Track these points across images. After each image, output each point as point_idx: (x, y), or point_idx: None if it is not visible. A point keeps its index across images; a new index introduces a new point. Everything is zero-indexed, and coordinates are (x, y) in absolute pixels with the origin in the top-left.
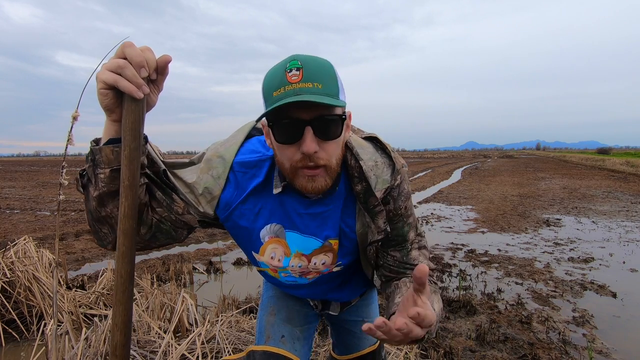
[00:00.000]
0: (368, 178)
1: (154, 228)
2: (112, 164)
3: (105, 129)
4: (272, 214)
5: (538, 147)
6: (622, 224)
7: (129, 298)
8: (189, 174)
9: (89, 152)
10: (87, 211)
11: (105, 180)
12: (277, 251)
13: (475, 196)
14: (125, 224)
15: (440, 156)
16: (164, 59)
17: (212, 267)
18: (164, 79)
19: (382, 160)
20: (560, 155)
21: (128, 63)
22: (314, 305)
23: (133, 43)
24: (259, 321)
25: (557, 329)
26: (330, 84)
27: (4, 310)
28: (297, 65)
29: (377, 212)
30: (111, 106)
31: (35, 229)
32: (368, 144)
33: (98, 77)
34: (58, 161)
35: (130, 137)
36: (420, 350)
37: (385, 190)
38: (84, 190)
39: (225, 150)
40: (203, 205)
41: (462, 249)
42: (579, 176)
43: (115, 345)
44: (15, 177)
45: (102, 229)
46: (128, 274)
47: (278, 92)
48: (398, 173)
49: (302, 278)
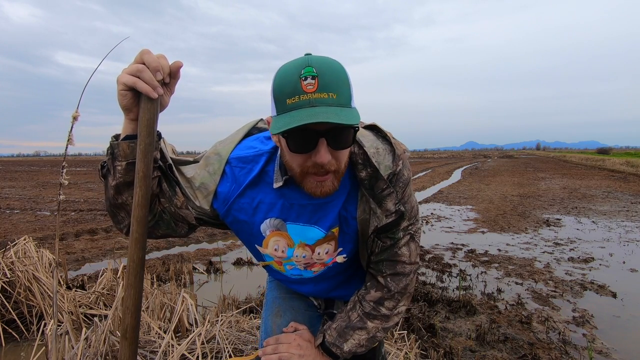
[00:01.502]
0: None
1: (157, 217)
2: (129, 157)
3: (124, 126)
4: (270, 208)
5: (538, 147)
6: (622, 224)
7: (140, 282)
8: (189, 170)
9: (109, 146)
10: (105, 198)
11: (122, 172)
12: (279, 243)
13: (475, 196)
14: (139, 212)
15: (440, 156)
16: (176, 64)
17: (212, 267)
18: (176, 83)
19: (383, 147)
20: (560, 155)
21: (146, 67)
22: (317, 305)
23: (150, 50)
24: (264, 322)
25: (557, 329)
26: (344, 92)
27: (4, 310)
28: (312, 73)
29: (385, 195)
30: (129, 106)
31: (35, 229)
32: (368, 132)
33: (119, 80)
34: (58, 161)
35: (145, 133)
36: (420, 351)
37: (388, 176)
38: (104, 179)
39: (223, 147)
40: (200, 200)
41: (462, 249)
42: (579, 176)
43: (125, 328)
44: (15, 177)
45: (119, 213)
46: (140, 259)
47: (292, 100)
48: (399, 159)
49: (307, 271)
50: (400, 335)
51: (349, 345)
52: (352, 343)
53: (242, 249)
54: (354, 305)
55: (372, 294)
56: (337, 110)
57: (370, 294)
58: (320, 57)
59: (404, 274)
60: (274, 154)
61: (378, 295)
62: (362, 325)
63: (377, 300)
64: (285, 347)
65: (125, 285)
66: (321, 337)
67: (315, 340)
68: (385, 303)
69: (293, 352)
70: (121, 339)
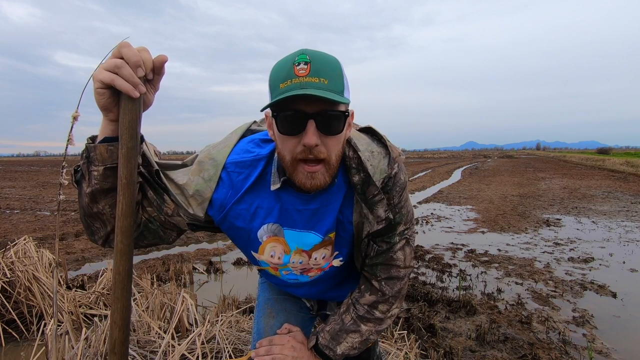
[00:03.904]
0: (367, 168)
1: (142, 227)
2: (106, 162)
3: (102, 127)
4: (268, 213)
5: (538, 147)
6: (622, 224)
7: (128, 295)
8: (180, 176)
9: (84, 149)
10: (79, 207)
11: (98, 178)
12: (276, 249)
13: (475, 196)
14: (123, 221)
15: (440, 156)
16: (160, 59)
17: (212, 267)
18: (160, 79)
19: (378, 150)
20: (560, 155)
21: (125, 63)
22: (310, 307)
23: (130, 43)
24: (256, 323)
25: (557, 329)
26: (336, 80)
27: (4, 310)
28: (305, 59)
29: (376, 201)
30: (108, 105)
31: (35, 229)
32: (364, 135)
33: (95, 77)
34: (58, 161)
35: (127, 136)
36: (420, 351)
37: (383, 180)
38: (77, 186)
39: (218, 152)
40: (193, 208)
41: (462, 249)
42: (579, 176)
43: (113, 343)
44: (15, 177)
45: (94, 223)
46: (126, 272)
47: (285, 84)
48: (395, 162)
49: (303, 276)
50: (400, 335)
51: (342, 348)
52: (345, 346)
53: None
54: (347, 308)
55: (366, 298)
56: (327, 93)
57: (365, 297)
58: (316, 50)
59: (398, 278)
60: (272, 157)
61: (372, 299)
62: (356, 329)
63: (371, 304)
64: (278, 349)
65: (112, 298)
66: (314, 339)
67: (308, 342)
68: (379, 307)
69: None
70: (110, 353)
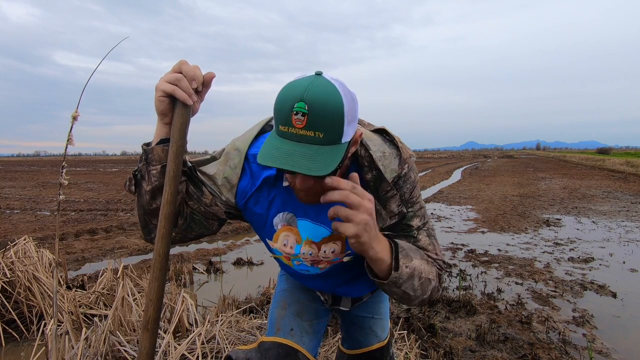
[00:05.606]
0: (378, 166)
1: (188, 219)
2: (163, 160)
3: (157, 131)
4: (284, 203)
5: (538, 147)
6: (622, 224)
7: (164, 276)
8: (211, 168)
9: (142, 152)
10: (139, 206)
11: (157, 175)
12: (289, 239)
13: (475, 196)
14: (167, 209)
15: (440, 156)
16: (209, 75)
17: (212, 267)
18: (207, 91)
19: (390, 151)
20: (560, 155)
21: (183, 77)
22: (324, 300)
23: (187, 61)
24: (270, 314)
25: (557, 329)
26: (333, 131)
27: (4, 310)
28: (303, 110)
29: (389, 197)
30: (165, 111)
31: (35, 229)
32: (377, 136)
33: (157, 87)
34: (58, 161)
35: (178, 135)
36: (420, 351)
37: (393, 179)
38: (136, 187)
39: (241, 143)
40: (225, 194)
41: (462, 249)
42: (579, 176)
43: (147, 320)
44: (15, 177)
45: (152, 220)
46: (165, 254)
47: (284, 127)
48: (405, 162)
49: (314, 267)
50: (400, 335)
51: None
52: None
53: (242, 249)
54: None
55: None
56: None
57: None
58: (317, 92)
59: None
60: None
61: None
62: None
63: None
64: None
65: (150, 278)
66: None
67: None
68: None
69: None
70: (142, 330)
